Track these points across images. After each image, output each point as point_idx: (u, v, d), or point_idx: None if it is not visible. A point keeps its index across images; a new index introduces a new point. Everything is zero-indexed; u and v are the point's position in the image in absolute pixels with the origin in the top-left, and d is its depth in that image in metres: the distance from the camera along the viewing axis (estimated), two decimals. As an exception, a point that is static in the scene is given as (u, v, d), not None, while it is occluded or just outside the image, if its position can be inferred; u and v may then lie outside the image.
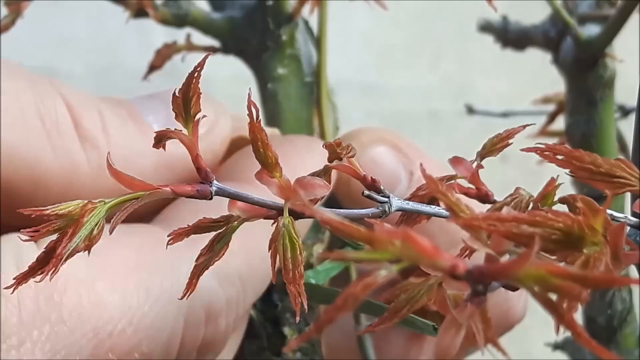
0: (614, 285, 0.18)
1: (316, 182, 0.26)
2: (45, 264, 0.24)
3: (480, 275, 0.19)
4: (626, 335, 0.42)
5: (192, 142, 0.25)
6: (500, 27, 0.47)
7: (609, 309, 0.42)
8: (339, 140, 0.26)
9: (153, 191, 0.25)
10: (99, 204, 0.25)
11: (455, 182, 0.27)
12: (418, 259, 0.19)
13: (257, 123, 0.25)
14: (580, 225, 0.21)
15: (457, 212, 0.21)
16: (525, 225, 0.20)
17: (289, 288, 0.25)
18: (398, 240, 0.19)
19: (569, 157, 0.23)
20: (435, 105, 0.94)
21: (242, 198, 0.26)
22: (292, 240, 0.25)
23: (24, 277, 0.25)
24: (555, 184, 0.25)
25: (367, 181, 0.26)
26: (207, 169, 0.26)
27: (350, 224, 0.19)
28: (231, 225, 0.26)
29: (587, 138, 0.43)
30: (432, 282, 0.22)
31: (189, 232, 0.26)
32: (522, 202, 0.26)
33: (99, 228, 0.25)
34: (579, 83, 0.43)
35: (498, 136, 0.28)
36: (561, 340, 0.45)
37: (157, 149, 0.26)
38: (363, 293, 0.19)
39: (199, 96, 0.25)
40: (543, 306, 0.19)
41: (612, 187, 0.22)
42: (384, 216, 0.26)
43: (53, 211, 0.24)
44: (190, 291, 0.26)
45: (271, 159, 0.25)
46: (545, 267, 0.18)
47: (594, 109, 0.43)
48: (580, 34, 0.42)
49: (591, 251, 0.21)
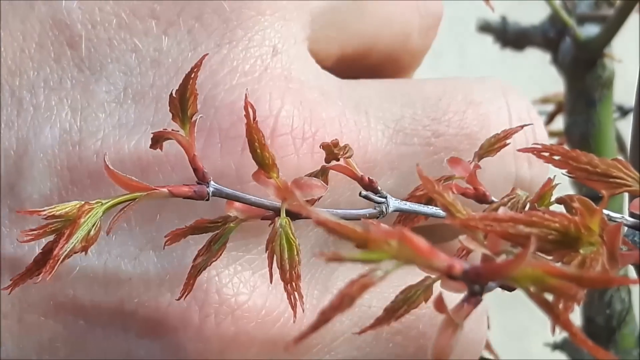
0: (610, 285, 0.18)
1: (313, 182, 0.26)
2: (43, 265, 0.24)
3: (477, 275, 0.19)
4: (625, 335, 0.42)
5: (189, 142, 0.25)
6: (499, 28, 0.47)
7: (608, 309, 0.42)
8: (336, 141, 0.26)
9: (150, 192, 0.25)
10: (96, 204, 0.25)
11: (453, 182, 0.27)
12: (415, 259, 0.19)
13: (254, 123, 0.25)
14: (576, 226, 0.21)
15: (454, 212, 0.21)
16: (521, 225, 0.20)
17: (286, 288, 0.25)
18: (394, 240, 0.19)
19: (565, 157, 0.23)
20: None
21: (239, 199, 0.26)
22: (290, 240, 0.25)
23: (21, 278, 0.25)
24: (552, 184, 0.25)
25: (365, 181, 0.26)
26: (205, 170, 0.26)
27: (346, 225, 0.19)
28: (228, 226, 0.26)
29: (586, 138, 0.43)
30: (429, 282, 0.22)
31: (186, 232, 0.26)
32: (519, 202, 0.26)
33: (96, 229, 0.25)
34: (577, 83, 0.43)
35: (495, 136, 0.28)
36: (560, 341, 0.45)
37: (154, 149, 0.26)
38: (359, 293, 0.19)
39: (195, 96, 0.25)
40: (539, 306, 0.19)
41: (609, 187, 0.22)
42: (381, 216, 0.26)
43: (50, 212, 0.24)
44: (188, 291, 0.26)
45: (268, 159, 0.25)
46: (542, 267, 0.18)
47: (592, 109, 0.43)
48: (579, 34, 0.42)
49: (588, 251, 0.21)
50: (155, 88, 0.29)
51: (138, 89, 0.29)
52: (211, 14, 0.29)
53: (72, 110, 0.29)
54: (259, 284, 0.29)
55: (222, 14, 0.29)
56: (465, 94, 0.33)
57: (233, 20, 0.29)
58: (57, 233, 0.24)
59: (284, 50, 0.30)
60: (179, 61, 0.29)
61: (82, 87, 0.29)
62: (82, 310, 0.29)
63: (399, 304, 0.22)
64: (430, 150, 0.32)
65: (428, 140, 0.32)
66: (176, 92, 0.25)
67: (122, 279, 0.29)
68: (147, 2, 0.29)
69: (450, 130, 0.32)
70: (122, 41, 0.29)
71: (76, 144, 0.28)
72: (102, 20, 0.29)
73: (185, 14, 0.29)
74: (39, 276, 0.24)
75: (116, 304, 0.29)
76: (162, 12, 0.29)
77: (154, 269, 0.29)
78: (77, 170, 0.28)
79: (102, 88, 0.29)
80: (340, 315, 0.19)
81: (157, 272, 0.29)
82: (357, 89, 0.32)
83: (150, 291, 0.29)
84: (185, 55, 0.29)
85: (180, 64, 0.29)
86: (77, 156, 0.28)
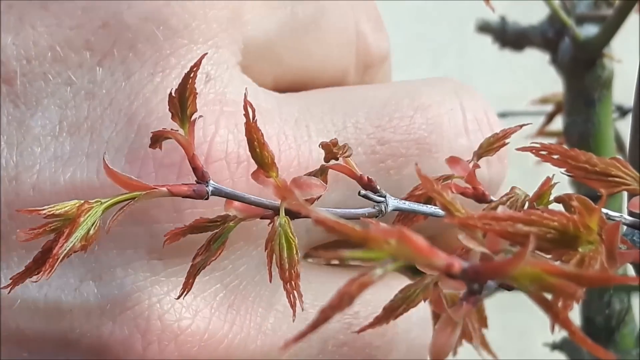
0: (609, 283, 0.18)
1: (312, 181, 0.26)
2: (42, 264, 0.24)
3: (476, 274, 0.19)
4: (624, 335, 0.42)
5: (189, 142, 0.26)
6: (498, 28, 0.47)
7: (607, 309, 0.42)
8: (335, 140, 0.26)
9: (150, 191, 0.25)
10: (95, 204, 0.25)
11: (452, 181, 0.27)
12: (413, 258, 0.19)
13: (253, 123, 0.25)
14: (575, 224, 0.21)
15: (453, 211, 0.21)
16: (520, 224, 0.20)
17: (285, 287, 0.25)
18: (393, 239, 0.19)
19: (564, 156, 0.23)
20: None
21: (239, 198, 0.26)
22: (289, 239, 0.25)
23: (20, 276, 0.25)
24: (550, 183, 0.25)
25: (364, 181, 0.26)
26: (204, 169, 0.26)
27: (345, 223, 0.19)
28: (227, 225, 0.26)
29: (585, 138, 0.43)
30: (428, 281, 0.22)
31: (185, 231, 0.26)
32: (518, 201, 0.26)
33: (95, 228, 0.25)
34: (577, 83, 0.43)
35: (494, 136, 0.28)
36: (560, 341, 0.45)
37: (153, 149, 0.27)
38: (358, 292, 0.19)
39: (195, 96, 0.25)
40: (538, 305, 0.19)
41: (607, 186, 0.23)
42: (380, 216, 0.26)
43: (49, 211, 0.24)
44: (187, 291, 0.26)
45: (267, 158, 0.25)
46: (541, 265, 0.18)
47: (592, 109, 0.43)
48: (578, 34, 0.42)
49: (586, 250, 0.21)
50: (90, 120, 0.29)
51: (73, 121, 0.29)
52: (145, 43, 0.29)
53: (8, 146, 0.29)
54: (202, 307, 0.30)
55: (156, 43, 0.29)
56: (412, 98, 0.33)
57: (166, 48, 0.29)
58: (56, 232, 0.24)
59: (217, 76, 0.30)
60: (113, 92, 0.29)
61: (17, 122, 0.29)
62: (25, 342, 0.29)
63: (397, 303, 0.22)
64: (376, 159, 0.32)
65: (373, 149, 0.32)
66: (175, 92, 0.25)
67: (64, 310, 0.29)
68: (82, 32, 0.29)
69: (397, 136, 0.32)
70: (57, 75, 0.29)
71: (13, 179, 0.29)
72: (37, 55, 0.29)
73: (120, 44, 0.29)
74: (39, 275, 0.24)
75: (59, 335, 0.29)
76: (97, 43, 0.29)
77: (94, 299, 0.29)
78: (15, 205, 0.28)
79: (37, 122, 0.29)
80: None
81: (98, 302, 0.29)
82: (297, 103, 0.32)
83: (92, 321, 0.29)
84: (118, 86, 0.29)
85: (114, 95, 0.29)
86: (14, 192, 0.29)
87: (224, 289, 0.30)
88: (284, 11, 0.32)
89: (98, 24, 0.29)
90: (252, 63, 0.30)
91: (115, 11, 0.29)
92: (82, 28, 0.29)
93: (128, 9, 0.29)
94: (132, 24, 0.29)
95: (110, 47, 0.29)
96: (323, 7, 0.33)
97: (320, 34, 0.33)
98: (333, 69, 0.35)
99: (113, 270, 0.29)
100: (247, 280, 0.30)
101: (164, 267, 0.29)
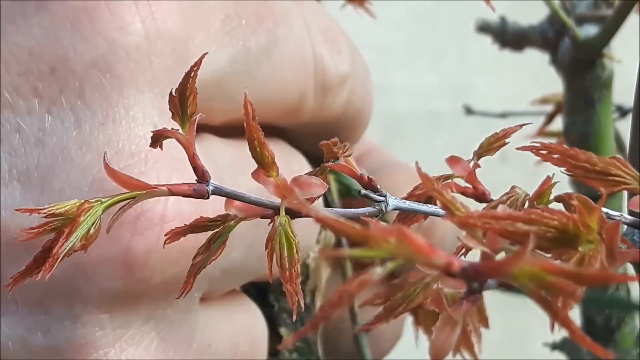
0: (608, 282, 0.18)
1: (312, 181, 0.26)
2: (42, 263, 0.24)
3: (476, 273, 0.19)
4: (624, 335, 0.42)
5: (189, 141, 0.26)
6: (498, 28, 0.47)
7: (607, 309, 0.42)
8: (335, 140, 0.26)
9: (150, 190, 0.25)
10: (95, 203, 0.25)
11: (453, 181, 0.27)
12: (413, 257, 0.19)
13: (253, 122, 0.25)
14: (575, 223, 0.21)
15: (453, 210, 0.21)
16: (520, 223, 0.20)
17: (286, 287, 0.25)
18: (393, 238, 0.19)
19: (564, 155, 0.23)
20: (435, 105, 0.94)
21: (239, 197, 0.26)
22: (289, 239, 0.25)
23: (21, 276, 0.25)
24: (550, 183, 0.25)
25: (364, 180, 0.26)
26: (204, 168, 0.26)
27: (345, 222, 0.19)
28: (228, 225, 0.26)
29: (585, 138, 0.43)
30: (428, 280, 0.22)
31: (186, 231, 0.26)
32: (518, 200, 0.26)
33: (95, 227, 0.25)
34: (577, 83, 0.43)
35: (495, 135, 0.28)
36: (559, 340, 0.45)
37: (154, 148, 0.27)
38: (358, 290, 0.19)
39: (195, 95, 0.25)
40: (538, 304, 0.19)
41: (607, 185, 0.23)
42: (381, 215, 0.26)
43: (50, 210, 0.24)
44: (187, 290, 0.26)
45: (268, 157, 0.25)
46: (540, 264, 0.18)
47: (592, 109, 0.43)
48: (578, 34, 0.42)
49: (586, 249, 0.21)
50: (41, 168, 0.29)
51: (23, 169, 0.29)
52: (92, 91, 0.29)
53: None
54: (143, 356, 0.30)
55: (104, 91, 0.29)
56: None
57: (114, 97, 0.29)
58: (56, 231, 0.24)
59: (164, 125, 0.30)
60: (64, 140, 0.29)
61: None
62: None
63: (398, 302, 0.22)
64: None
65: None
66: (176, 91, 0.25)
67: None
68: (30, 79, 0.29)
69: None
70: (7, 121, 0.29)
71: None
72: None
73: (68, 91, 0.29)
74: (39, 274, 0.24)
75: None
76: (44, 90, 0.29)
77: (42, 351, 0.29)
78: None
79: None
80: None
81: (46, 354, 0.29)
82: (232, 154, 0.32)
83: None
84: (70, 135, 0.29)
85: (66, 143, 0.29)
86: None
87: (157, 336, 0.31)
88: (236, 47, 0.32)
89: (45, 70, 0.29)
90: (200, 104, 0.30)
91: (62, 57, 0.29)
92: (29, 75, 0.29)
93: (75, 55, 0.29)
94: (78, 71, 0.29)
95: (58, 94, 0.29)
96: (276, 36, 0.33)
97: (274, 63, 0.33)
98: (289, 94, 0.34)
99: (61, 323, 0.29)
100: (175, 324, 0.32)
101: (110, 321, 0.30)
